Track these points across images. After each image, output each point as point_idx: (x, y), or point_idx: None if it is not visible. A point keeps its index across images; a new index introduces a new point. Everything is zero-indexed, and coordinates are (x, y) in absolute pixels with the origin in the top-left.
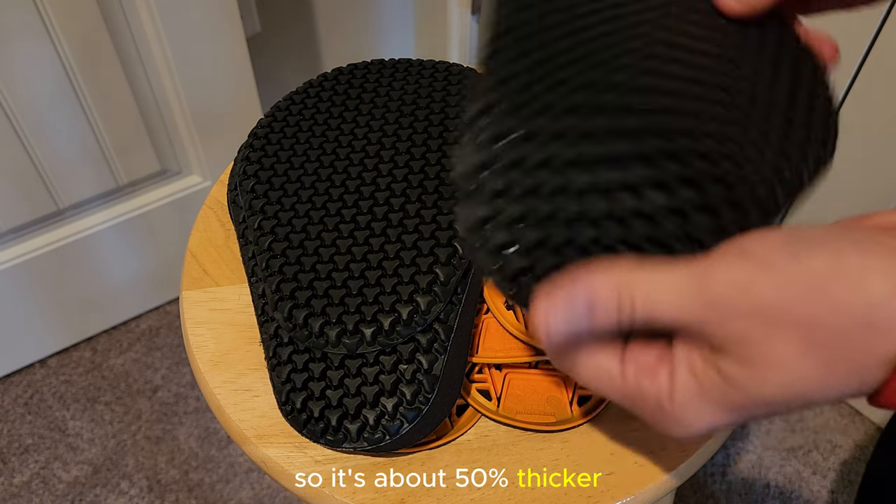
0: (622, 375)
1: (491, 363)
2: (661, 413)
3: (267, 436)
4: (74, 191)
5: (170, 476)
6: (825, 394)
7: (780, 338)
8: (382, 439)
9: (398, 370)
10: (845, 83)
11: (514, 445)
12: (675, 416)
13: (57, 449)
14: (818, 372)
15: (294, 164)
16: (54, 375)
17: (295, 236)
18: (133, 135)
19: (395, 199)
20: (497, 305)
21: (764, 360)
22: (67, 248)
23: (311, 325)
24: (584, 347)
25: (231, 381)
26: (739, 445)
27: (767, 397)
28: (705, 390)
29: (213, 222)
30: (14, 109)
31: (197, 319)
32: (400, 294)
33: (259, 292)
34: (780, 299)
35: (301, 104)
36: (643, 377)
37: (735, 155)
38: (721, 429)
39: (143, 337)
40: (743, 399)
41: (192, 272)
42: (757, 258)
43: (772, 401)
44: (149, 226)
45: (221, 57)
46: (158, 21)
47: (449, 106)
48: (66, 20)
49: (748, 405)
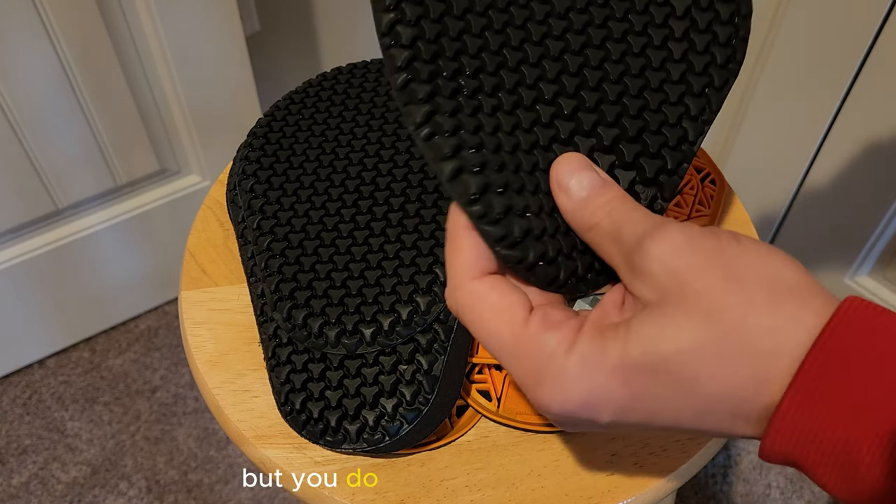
0: (525, 322)
1: (491, 363)
2: (549, 365)
3: (266, 436)
4: (73, 190)
5: (169, 477)
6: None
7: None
8: (382, 440)
9: (398, 371)
10: (845, 84)
11: (515, 446)
12: (564, 369)
13: (55, 450)
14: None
15: (293, 164)
16: (53, 376)
17: (294, 236)
18: (132, 134)
19: (394, 199)
20: None
21: (675, 305)
22: (66, 248)
23: (310, 325)
24: (500, 285)
25: (230, 382)
26: (741, 446)
27: (664, 349)
28: (606, 343)
29: (212, 222)
30: (12, 108)
31: (196, 320)
32: (399, 294)
33: (258, 292)
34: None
35: (300, 104)
36: (547, 328)
37: None
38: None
39: (142, 337)
40: (639, 349)
41: (190, 272)
42: (713, 230)
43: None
44: (147, 226)
45: (220, 56)
46: (157, 20)
47: None
48: (65, 19)
49: (642, 360)
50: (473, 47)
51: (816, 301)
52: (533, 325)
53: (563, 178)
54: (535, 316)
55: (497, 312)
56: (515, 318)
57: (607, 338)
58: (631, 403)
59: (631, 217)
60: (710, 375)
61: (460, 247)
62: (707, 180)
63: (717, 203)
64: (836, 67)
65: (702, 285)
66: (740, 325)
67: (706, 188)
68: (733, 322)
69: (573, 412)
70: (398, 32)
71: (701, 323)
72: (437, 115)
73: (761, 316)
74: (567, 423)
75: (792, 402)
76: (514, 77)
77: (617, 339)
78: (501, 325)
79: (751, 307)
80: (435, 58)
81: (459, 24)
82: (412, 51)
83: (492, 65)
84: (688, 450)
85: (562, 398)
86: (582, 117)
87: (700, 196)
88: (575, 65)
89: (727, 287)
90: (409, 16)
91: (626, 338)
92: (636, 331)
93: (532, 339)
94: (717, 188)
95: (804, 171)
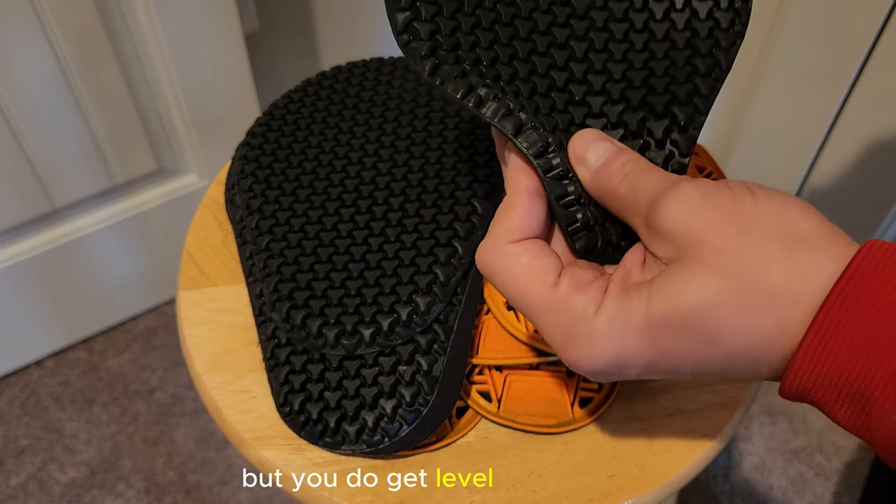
0: (555, 284)
1: (491, 364)
2: (579, 326)
3: (265, 438)
4: (70, 190)
5: (167, 478)
6: (736, 328)
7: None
8: (381, 441)
9: (397, 372)
10: (848, 83)
11: (515, 448)
12: (593, 329)
13: (53, 450)
14: (734, 291)
15: (292, 163)
16: (51, 376)
17: (293, 236)
18: (129, 133)
19: (394, 199)
20: (497, 306)
21: (693, 263)
22: (63, 249)
23: (309, 325)
24: (535, 248)
25: (229, 383)
26: (742, 447)
27: (685, 307)
28: (631, 303)
29: (211, 222)
30: (10, 108)
31: (194, 320)
32: (399, 294)
33: (257, 293)
34: (729, 214)
35: (299, 103)
36: (576, 290)
37: None
38: (629, 359)
39: (140, 338)
40: (661, 307)
41: (189, 272)
42: (728, 184)
43: (687, 314)
44: (145, 225)
45: (219, 55)
46: (156, 18)
47: (449, 104)
48: (63, 17)
49: (665, 318)
50: (486, 41)
51: (834, 248)
52: (563, 287)
53: (580, 151)
54: (565, 278)
55: (530, 274)
56: (546, 280)
57: (631, 297)
58: (657, 358)
59: (646, 179)
60: (730, 331)
61: (514, 206)
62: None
63: None
64: (839, 66)
65: (718, 242)
66: (758, 280)
67: None
68: (751, 278)
69: (603, 369)
70: (416, 29)
71: (719, 280)
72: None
73: (778, 269)
74: (598, 377)
75: (809, 346)
76: (526, 67)
77: (640, 299)
78: (533, 287)
79: (767, 262)
80: (455, 48)
81: (472, 20)
82: (432, 42)
83: (504, 56)
84: (689, 451)
85: (591, 357)
86: (591, 101)
87: None
88: (581, 50)
89: (743, 243)
90: (425, 15)
91: (649, 298)
92: (657, 291)
93: (562, 300)
94: None
95: (806, 171)
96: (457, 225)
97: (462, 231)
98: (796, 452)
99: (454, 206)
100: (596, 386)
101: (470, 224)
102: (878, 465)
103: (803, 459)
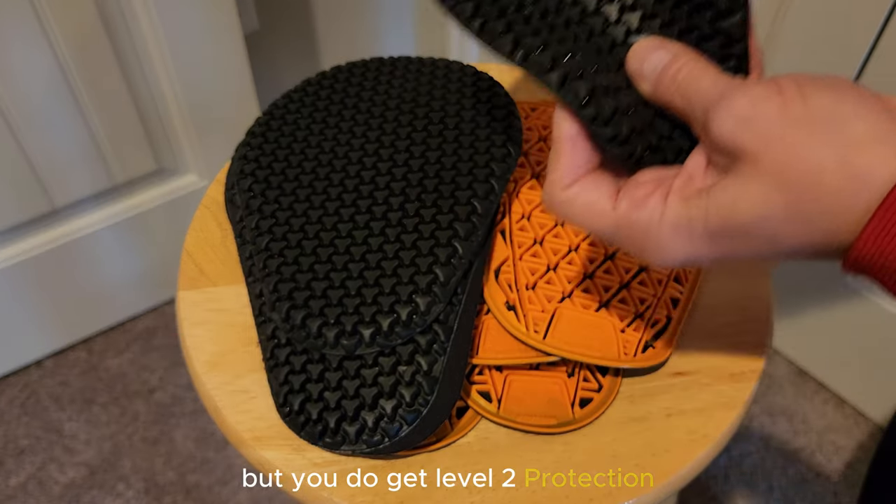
0: (614, 209)
1: (491, 364)
2: (648, 239)
3: (265, 438)
4: (70, 190)
5: (167, 478)
6: (792, 232)
7: (766, 159)
8: (381, 442)
9: (397, 372)
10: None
11: (515, 448)
12: (661, 239)
13: (53, 451)
14: (788, 201)
15: (292, 163)
16: (50, 377)
17: (293, 236)
18: (129, 133)
19: (394, 199)
20: (497, 306)
21: (747, 175)
22: (63, 249)
23: (309, 326)
24: (588, 185)
25: (228, 383)
26: (742, 447)
27: (741, 218)
28: (691, 212)
29: (210, 222)
30: (9, 107)
31: (193, 320)
32: (399, 295)
33: (256, 293)
34: (780, 124)
35: (299, 102)
36: (636, 208)
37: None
38: (699, 259)
39: (140, 338)
40: (719, 219)
41: (188, 272)
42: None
43: (744, 224)
44: (145, 225)
45: (219, 55)
46: (156, 18)
47: (449, 104)
48: (62, 16)
49: (723, 228)
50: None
51: (884, 151)
52: (622, 208)
53: (636, 66)
54: (623, 200)
55: (590, 211)
56: (606, 209)
57: (691, 208)
58: (721, 257)
59: (696, 88)
60: (787, 235)
61: (559, 155)
62: None
63: None
64: (840, 65)
65: (770, 154)
66: (811, 189)
67: None
68: (805, 186)
69: (679, 266)
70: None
71: (773, 191)
72: (523, 38)
73: (831, 177)
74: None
75: (869, 237)
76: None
77: (699, 209)
78: (596, 220)
79: (820, 170)
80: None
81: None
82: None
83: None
84: (689, 451)
85: (662, 260)
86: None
87: None
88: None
89: (795, 153)
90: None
91: (707, 209)
92: (714, 202)
93: (625, 220)
94: None
95: None
96: (457, 225)
97: (462, 231)
98: (796, 452)
99: (454, 206)
100: (596, 386)
101: (470, 224)
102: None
103: (803, 459)
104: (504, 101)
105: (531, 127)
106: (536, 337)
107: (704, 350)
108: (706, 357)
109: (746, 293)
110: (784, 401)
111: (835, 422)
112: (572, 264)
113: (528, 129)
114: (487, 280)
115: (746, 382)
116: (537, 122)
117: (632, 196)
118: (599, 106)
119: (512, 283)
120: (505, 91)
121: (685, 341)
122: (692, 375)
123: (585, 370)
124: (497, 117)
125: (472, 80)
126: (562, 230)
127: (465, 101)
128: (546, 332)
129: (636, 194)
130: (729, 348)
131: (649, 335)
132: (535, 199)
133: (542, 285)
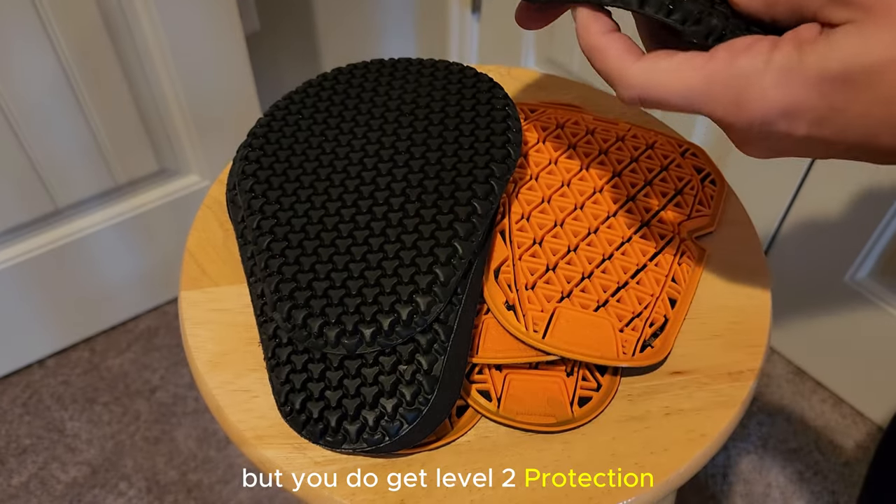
0: (708, 60)
1: (491, 363)
2: (748, 88)
3: (266, 437)
4: (72, 190)
5: (168, 477)
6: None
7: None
8: (382, 440)
9: (398, 371)
10: None
11: (515, 446)
12: (764, 86)
13: (55, 450)
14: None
15: (293, 164)
16: (52, 376)
17: (294, 236)
18: (131, 134)
19: (394, 199)
20: (497, 305)
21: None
22: (65, 249)
23: (310, 325)
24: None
25: (230, 382)
26: (741, 446)
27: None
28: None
29: (212, 222)
30: (11, 108)
31: (195, 320)
32: (399, 294)
33: (258, 293)
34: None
35: (300, 104)
36: (736, 55)
37: None
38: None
39: (142, 337)
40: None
41: (190, 272)
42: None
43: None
44: (147, 226)
45: (220, 56)
46: (157, 19)
47: (449, 105)
48: (64, 17)
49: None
50: None
51: None
52: (720, 58)
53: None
54: (719, 51)
55: (678, 70)
56: (695, 64)
57: (805, 51)
58: (827, 114)
59: None
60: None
61: (606, 49)
62: (707, 180)
63: (717, 203)
64: None
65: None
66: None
67: (706, 188)
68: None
69: (773, 122)
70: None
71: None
72: None
73: None
74: (766, 136)
75: None
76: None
77: (816, 51)
78: (685, 77)
79: None
80: None
81: None
82: None
83: None
84: (688, 450)
85: (763, 109)
86: None
87: (700, 196)
88: None
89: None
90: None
91: (827, 50)
92: (837, 43)
93: (722, 71)
94: (718, 188)
95: (804, 171)
96: (457, 225)
97: (462, 231)
98: (795, 451)
99: (454, 206)
100: (595, 385)
101: (470, 224)
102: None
103: (802, 458)
104: (504, 103)
105: (530, 128)
106: (536, 336)
107: (703, 349)
108: (704, 356)
109: (744, 292)
110: (782, 400)
111: (832, 421)
112: (571, 264)
113: (528, 129)
114: (487, 280)
115: (744, 382)
116: (537, 123)
117: (731, 45)
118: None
119: (511, 283)
120: (505, 92)
121: (683, 341)
122: (690, 375)
123: (584, 369)
124: (497, 118)
125: (472, 81)
126: (561, 230)
127: (465, 102)
128: (545, 332)
129: (736, 45)
130: (727, 347)
131: (648, 334)
132: (534, 200)
133: (542, 285)
